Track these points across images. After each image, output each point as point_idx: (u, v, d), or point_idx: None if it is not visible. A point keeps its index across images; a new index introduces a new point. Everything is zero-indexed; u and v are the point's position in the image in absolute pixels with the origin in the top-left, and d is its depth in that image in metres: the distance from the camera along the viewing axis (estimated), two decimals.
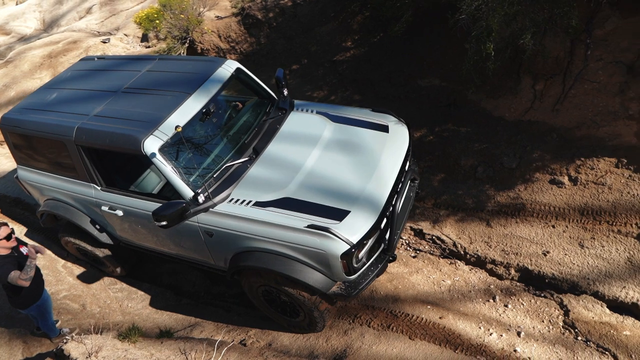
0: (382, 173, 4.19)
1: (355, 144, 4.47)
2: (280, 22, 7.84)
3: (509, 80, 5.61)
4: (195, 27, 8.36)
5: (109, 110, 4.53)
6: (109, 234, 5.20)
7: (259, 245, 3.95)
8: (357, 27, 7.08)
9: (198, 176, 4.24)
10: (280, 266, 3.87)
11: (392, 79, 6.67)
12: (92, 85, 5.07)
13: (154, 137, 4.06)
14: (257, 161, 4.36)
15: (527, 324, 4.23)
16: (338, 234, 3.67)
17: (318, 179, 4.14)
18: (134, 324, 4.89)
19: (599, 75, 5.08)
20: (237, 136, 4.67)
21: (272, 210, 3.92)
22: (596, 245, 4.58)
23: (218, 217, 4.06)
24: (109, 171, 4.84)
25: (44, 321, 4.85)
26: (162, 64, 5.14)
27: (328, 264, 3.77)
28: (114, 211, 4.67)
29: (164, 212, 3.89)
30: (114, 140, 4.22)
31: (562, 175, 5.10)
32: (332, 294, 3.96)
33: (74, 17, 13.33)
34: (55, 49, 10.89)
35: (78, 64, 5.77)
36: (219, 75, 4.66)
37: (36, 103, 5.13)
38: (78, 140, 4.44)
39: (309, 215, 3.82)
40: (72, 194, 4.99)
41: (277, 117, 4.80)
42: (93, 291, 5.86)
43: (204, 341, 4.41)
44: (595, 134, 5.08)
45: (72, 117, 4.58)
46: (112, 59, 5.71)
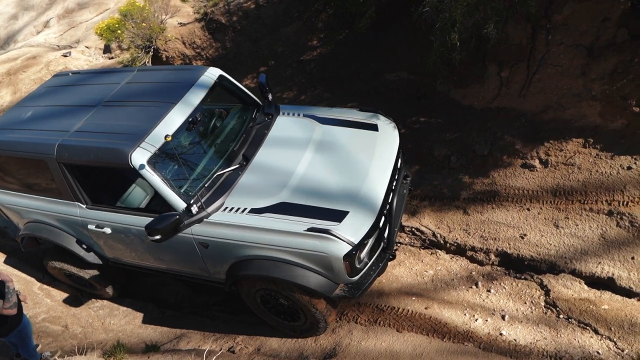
0: (376, 172, 4.17)
1: (346, 145, 4.44)
2: (244, 25, 7.79)
3: (476, 69, 5.70)
4: (159, 35, 8.23)
5: (90, 124, 4.39)
6: (97, 253, 5.03)
7: (258, 253, 3.87)
8: (322, 26, 7.09)
9: (189, 187, 4.14)
10: (282, 272, 3.80)
11: (360, 75, 6.71)
12: (69, 100, 4.91)
13: (141, 149, 3.93)
14: (248, 168, 4.28)
15: (511, 307, 4.31)
16: (339, 235, 3.62)
17: (312, 181, 4.09)
18: (118, 340, 4.79)
19: (561, 59, 5.21)
20: (225, 144, 4.59)
21: (268, 216, 3.84)
22: (570, 225, 4.69)
23: (213, 227, 3.96)
24: (94, 188, 4.69)
25: (25, 347, 4.70)
26: (142, 75, 5.01)
27: (330, 267, 3.72)
28: (102, 229, 4.53)
29: (157, 225, 3.76)
30: (99, 155, 4.09)
31: (533, 158, 5.21)
32: (336, 296, 3.92)
33: (31, 31, 12.96)
34: (13, 66, 10.57)
35: (51, 80, 5.58)
36: (202, 83, 4.57)
37: (10, 122, 4.94)
38: (60, 158, 4.28)
39: (308, 219, 3.75)
40: (55, 215, 4.81)
41: (264, 123, 4.74)
42: (73, 311, 5.71)
43: (192, 352, 4.35)
44: (562, 116, 5.20)
45: (51, 135, 4.41)
46: (88, 73, 5.54)
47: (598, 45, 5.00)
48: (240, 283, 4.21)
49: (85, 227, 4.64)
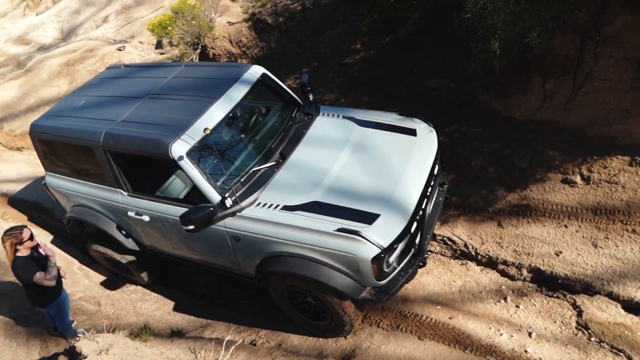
0: (411, 177, 4.15)
1: (383, 148, 4.44)
2: (290, 26, 7.91)
3: (519, 79, 5.57)
4: (207, 33, 8.47)
5: (136, 115, 4.58)
6: (135, 240, 5.20)
7: (287, 250, 3.91)
8: (365, 30, 7.11)
9: (225, 180, 4.22)
10: (310, 271, 3.82)
11: (402, 80, 6.68)
12: (119, 91, 5.15)
13: (181, 141, 4.07)
14: (284, 165, 4.33)
15: (539, 325, 4.18)
16: (368, 238, 3.62)
17: (346, 182, 4.10)
18: (146, 324, 4.96)
19: (609, 73, 5.02)
20: (263, 141, 4.67)
21: (300, 214, 3.88)
22: (610, 245, 4.51)
23: (245, 222, 4.03)
24: (136, 176, 4.86)
25: (61, 320, 4.95)
26: (188, 70, 5.19)
27: (358, 269, 3.71)
28: (140, 216, 4.69)
29: (192, 216, 3.87)
30: (142, 145, 4.25)
31: (574, 174, 5.04)
32: (362, 299, 3.90)
33: (91, 26, 13.61)
34: (72, 57, 11.13)
35: (105, 72, 5.87)
36: (245, 80, 4.68)
37: (64, 110, 5.23)
38: (106, 146, 4.47)
39: (338, 219, 3.77)
40: (99, 200, 5.02)
41: (303, 122, 4.79)
42: (108, 293, 5.96)
43: (213, 340, 4.45)
44: (608, 132, 5.01)
45: (99, 123, 4.63)
46: (138, 67, 5.80)
47: None
48: (269, 278, 4.25)
49: (126, 213, 4.82)
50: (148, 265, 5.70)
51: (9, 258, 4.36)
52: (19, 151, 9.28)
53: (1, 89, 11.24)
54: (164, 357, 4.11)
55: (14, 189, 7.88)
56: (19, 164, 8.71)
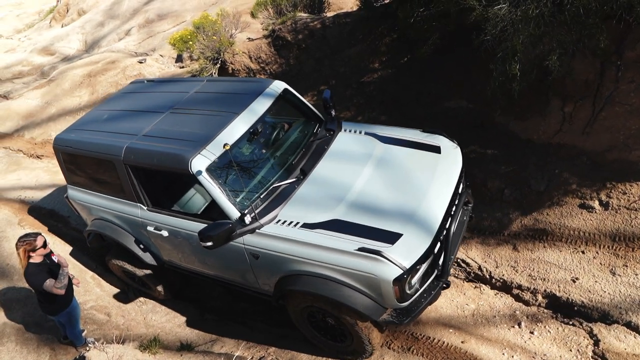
0: (435, 195, 4.05)
1: (406, 165, 4.37)
2: (309, 43, 7.99)
3: (538, 102, 5.54)
4: (227, 49, 8.60)
5: (157, 130, 4.59)
6: (154, 255, 5.17)
7: (306, 269, 3.83)
8: (384, 49, 7.15)
9: (245, 196, 4.18)
10: (329, 291, 3.74)
11: (420, 100, 6.69)
12: (141, 106, 5.19)
13: (201, 156, 4.05)
14: (305, 182, 4.28)
15: (554, 353, 4.08)
16: (390, 258, 3.53)
17: (368, 200, 4.02)
18: (155, 336, 4.96)
19: (630, 98, 4.96)
20: (284, 157, 4.63)
21: (320, 232, 3.81)
22: (629, 273, 4.41)
23: (264, 239, 3.98)
24: (156, 191, 4.87)
25: (72, 329, 4.97)
26: (210, 85, 5.22)
27: (379, 290, 3.62)
28: (160, 231, 4.67)
29: (211, 232, 3.80)
30: (162, 160, 4.25)
31: (592, 199, 4.96)
32: (383, 321, 3.81)
33: (114, 38, 13.92)
34: (94, 69, 11.37)
35: (128, 86, 5.94)
36: (267, 95, 4.67)
37: (88, 124, 5.28)
38: (127, 160, 4.49)
39: (360, 238, 3.69)
40: (119, 214, 5.02)
41: (324, 138, 4.75)
42: (119, 303, 5.98)
43: (222, 356, 4.42)
44: (628, 157, 4.93)
45: (121, 137, 4.66)
46: (161, 81, 5.87)
47: None
48: (288, 297, 4.18)
49: (145, 228, 4.81)
50: (167, 281, 5.66)
51: (22, 264, 4.42)
52: (39, 159, 9.44)
53: (25, 98, 11.50)
54: None
55: (32, 196, 8.00)
56: (37, 172, 8.86)
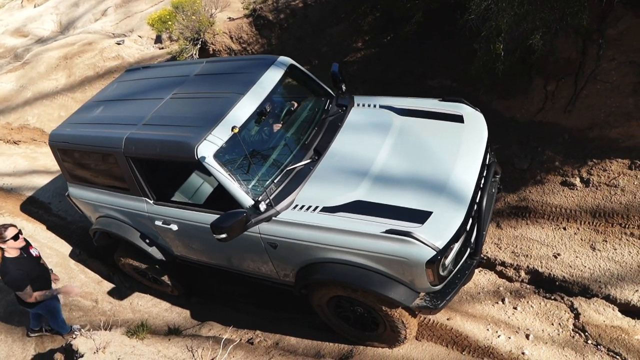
0: (463, 167, 3.76)
1: (429, 138, 4.06)
2: (291, 23, 7.87)
3: (521, 81, 5.56)
4: (207, 29, 8.42)
5: (158, 117, 4.31)
6: (164, 250, 4.96)
7: (330, 256, 3.59)
8: (367, 28, 7.07)
9: (257, 182, 3.90)
10: (357, 278, 3.51)
11: (403, 79, 6.66)
12: (139, 94, 4.89)
13: (207, 142, 3.76)
14: (320, 162, 3.99)
15: (537, 327, 4.18)
16: (421, 239, 3.27)
17: (391, 178, 3.74)
18: (143, 321, 4.95)
19: (611, 76, 5.00)
20: (295, 137, 4.33)
21: (342, 215, 3.55)
22: (608, 248, 4.51)
23: (282, 226, 3.71)
24: (161, 183, 4.65)
25: (54, 319, 4.92)
26: (211, 66, 4.90)
27: (411, 274, 3.40)
28: (169, 225, 4.41)
29: (223, 223, 3.51)
30: (165, 149, 3.97)
31: (573, 176, 5.03)
32: (416, 306, 3.56)
33: (90, 19, 13.52)
34: (70, 51, 11.06)
35: (123, 75, 5.63)
36: (272, 73, 4.36)
37: (83, 117, 4.99)
38: (127, 152, 4.20)
39: (386, 219, 3.43)
40: (124, 210, 4.77)
41: (337, 115, 4.44)
42: (104, 289, 5.95)
43: (211, 339, 4.44)
44: (608, 135, 5.00)
45: (120, 128, 4.38)
46: (158, 67, 5.54)
47: None
48: (312, 287, 3.96)
49: (153, 223, 4.57)
50: (179, 275, 5.47)
51: None
52: (16, 144, 9.24)
53: None
54: (161, 356, 4.09)
55: (10, 183, 7.85)
56: (15, 158, 8.67)
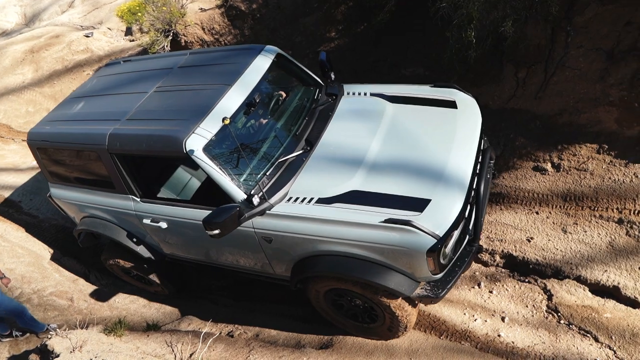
0: (460, 153, 3.72)
1: (423, 124, 4.02)
2: (264, 13, 7.79)
3: (492, 68, 5.63)
4: (179, 20, 8.27)
5: (142, 111, 4.18)
6: (153, 249, 4.83)
7: (327, 248, 3.53)
8: (340, 18, 7.05)
9: (248, 175, 3.81)
10: (355, 270, 3.46)
11: (377, 68, 6.67)
12: (120, 89, 4.74)
13: (196, 136, 3.65)
14: (313, 153, 3.91)
15: (512, 309, 4.28)
16: (421, 227, 3.22)
17: (386, 166, 3.69)
18: (121, 318, 4.89)
19: (579, 62, 5.11)
20: (286, 128, 4.24)
21: (338, 206, 3.48)
22: (579, 231, 4.63)
23: (276, 220, 3.63)
24: (148, 180, 4.51)
25: (20, 318, 4.76)
26: (195, 57, 4.78)
27: (411, 263, 3.35)
28: (157, 223, 4.29)
29: (216, 219, 3.42)
30: (152, 144, 3.84)
31: (545, 162, 5.14)
32: (417, 296, 3.52)
33: (56, 11, 13.14)
34: (37, 44, 10.74)
35: (103, 69, 5.45)
36: (259, 62, 4.26)
37: (63, 115, 4.81)
38: (112, 148, 4.07)
39: (384, 209, 3.37)
40: (110, 209, 4.63)
41: (327, 104, 4.37)
42: (80, 287, 5.85)
43: (190, 333, 4.42)
44: (577, 120, 5.11)
45: (103, 124, 4.22)
46: (140, 60, 5.37)
47: (619, 49, 4.90)
48: (308, 281, 3.90)
49: (141, 221, 4.44)
50: (170, 274, 5.34)
51: None
52: None
53: None
54: (140, 352, 4.05)
55: None
56: None
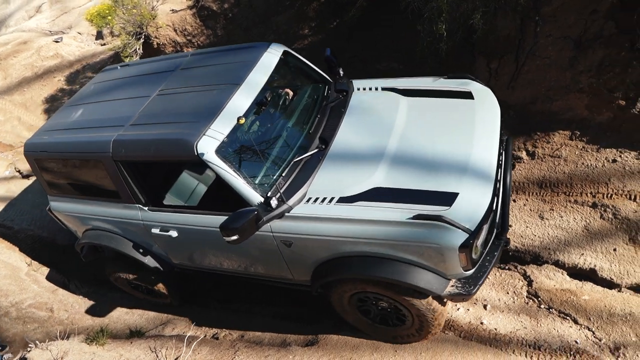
0: (482, 144, 3.61)
1: (441, 117, 3.91)
2: (236, 12, 7.74)
3: (465, 60, 5.69)
4: (150, 22, 8.17)
5: (146, 116, 4.00)
6: (162, 259, 4.63)
7: (351, 249, 3.39)
8: (313, 15, 7.04)
9: (263, 177, 3.66)
10: (383, 271, 3.31)
11: (351, 64, 6.68)
12: (121, 94, 4.57)
13: (207, 137, 3.48)
14: (329, 151, 3.76)
15: (493, 297, 4.34)
16: (453, 222, 3.09)
17: (408, 161, 3.55)
18: (103, 326, 4.83)
19: (549, 51, 5.20)
20: (297, 127, 4.09)
21: (362, 204, 3.33)
22: (555, 216, 4.72)
23: (297, 222, 3.47)
24: (156, 187, 4.37)
25: None
26: (198, 58, 4.64)
27: (443, 260, 3.21)
28: (167, 232, 4.10)
29: (234, 224, 3.26)
30: (160, 148, 3.68)
31: (520, 150, 5.22)
32: (448, 294, 3.37)
33: (23, 16, 12.84)
34: (4, 51, 10.48)
35: (100, 75, 5.29)
36: (267, 60, 4.11)
37: (61, 123, 4.62)
38: (116, 155, 3.89)
39: (410, 205, 3.22)
40: (115, 220, 4.45)
41: (338, 100, 4.24)
42: (60, 297, 5.75)
43: (174, 338, 4.38)
44: (550, 108, 5.20)
45: (105, 131, 4.04)
46: (138, 64, 5.21)
47: (586, 37, 4.99)
48: (331, 286, 3.75)
49: (149, 231, 4.24)
50: (177, 285, 5.19)
51: None
52: None
53: None
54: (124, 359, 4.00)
55: None
56: None
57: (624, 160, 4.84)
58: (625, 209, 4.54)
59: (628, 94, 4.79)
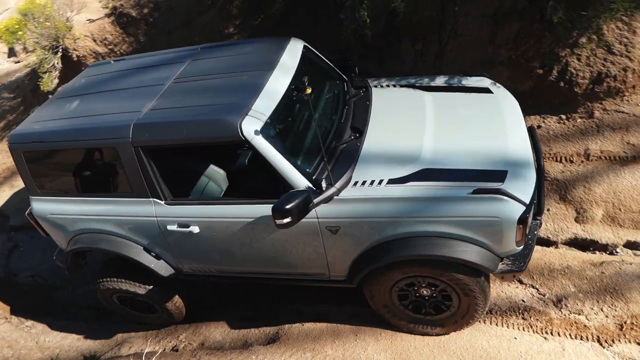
0: (514, 131, 3.73)
1: (468, 108, 4.00)
2: (157, 17, 7.49)
3: (391, 44, 5.81)
4: (66, 34, 7.75)
5: (167, 101, 3.75)
6: (171, 265, 4.20)
7: (405, 230, 3.31)
8: (236, 12, 6.93)
9: (305, 160, 3.56)
10: (438, 249, 3.25)
11: None
12: (126, 84, 4.30)
13: (250, 118, 3.31)
14: (365, 139, 3.77)
15: None
16: (512, 195, 3.12)
17: (449, 145, 3.61)
18: (54, 357, 4.59)
19: (469, 29, 5.41)
20: (328, 117, 4.07)
21: (415, 184, 3.30)
22: None
23: (346, 205, 3.36)
24: (178, 177, 3.96)
25: None
26: (211, 51, 4.50)
27: (500, 234, 3.21)
28: (187, 228, 3.75)
29: (286, 204, 3.11)
30: (196, 130, 3.44)
31: None
32: (500, 272, 3.41)
33: None
34: None
35: (88, 70, 4.95)
36: (292, 49, 4.11)
37: (53, 114, 4.18)
38: (137, 140, 3.56)
39: (465, 182, 3.23)
40: (122, 218, 4.00)
41: (361, 95, 4.29)
42: (2, 334, 5.40)
43: (132, 356, 4.23)
44: None
45: (118, 117, 3.74)
46: (135, 58, 4.92)
47: (501, 12, 5.24)
48: (371, 277, 3.63)
49: (163, 228, 3.86)
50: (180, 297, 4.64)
51: None
52: None
53: None
54: None
55: None
56: None
57: (547, 125, 5.14)
58: (554, 171, 4.83)
59: (544, 63, 5.09)
